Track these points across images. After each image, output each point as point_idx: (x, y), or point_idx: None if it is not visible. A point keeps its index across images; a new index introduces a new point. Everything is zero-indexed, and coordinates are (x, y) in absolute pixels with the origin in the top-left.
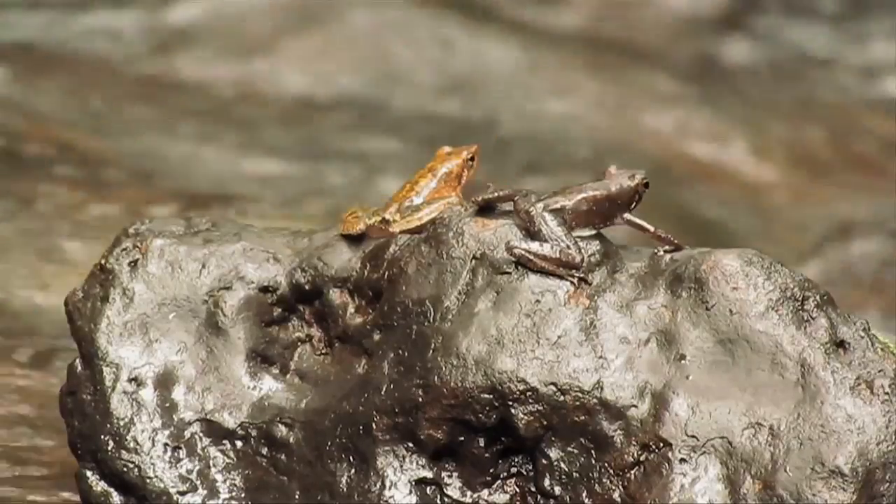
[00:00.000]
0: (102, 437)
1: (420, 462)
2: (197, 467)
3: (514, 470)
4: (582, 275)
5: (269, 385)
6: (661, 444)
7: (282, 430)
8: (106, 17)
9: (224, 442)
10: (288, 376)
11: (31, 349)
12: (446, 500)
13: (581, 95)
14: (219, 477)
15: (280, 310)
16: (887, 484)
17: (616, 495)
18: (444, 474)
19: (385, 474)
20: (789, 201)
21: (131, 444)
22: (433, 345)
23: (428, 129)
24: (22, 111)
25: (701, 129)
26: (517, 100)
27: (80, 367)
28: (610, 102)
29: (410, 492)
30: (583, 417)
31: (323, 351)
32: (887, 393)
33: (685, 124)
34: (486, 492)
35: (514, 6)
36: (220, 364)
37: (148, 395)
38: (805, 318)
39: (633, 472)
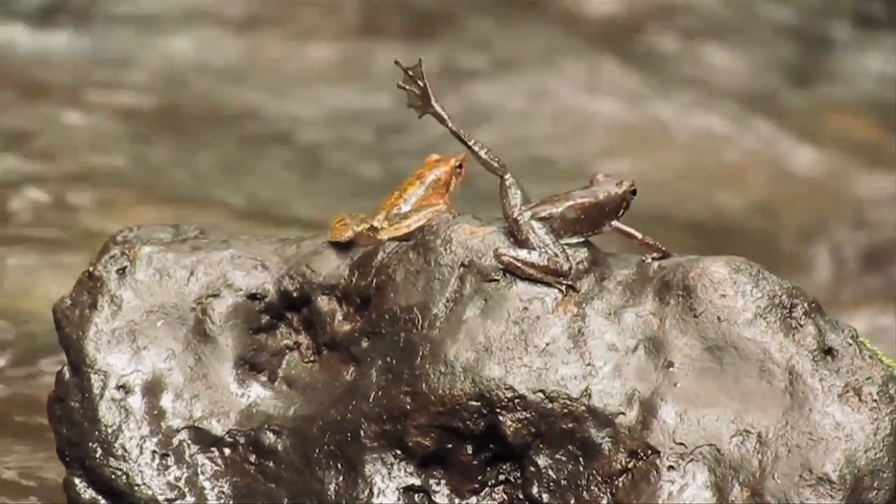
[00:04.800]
0: (90, 444)
1: (408, 469)
2: (185, 475)
3: (502, 477)
4: (570, 282)
5: (257, 392)
6: (650, 452)
7: (270, 438)
8: None
9: (212, 449)
10: (276, 383)
11: None
12: None
13: None
14: (207, 484)
15: (268, 317)
16: (875, 491)
17: (604, 502)
18: (432, 481)
19: (373, 481)
20: None
21: (119, 452)
22: (421, 352)
23: None
24: None
25: None
26: None
27: (68, 375)
28: None
29: (398, 499)
30: (571, 425)
31: (311, 358)
32: (875, 400)
33: None
34: (474, 499)
35: None
36: (208, 371)
37: (136, 402)
38: (793, 325)
39: (621, 479)
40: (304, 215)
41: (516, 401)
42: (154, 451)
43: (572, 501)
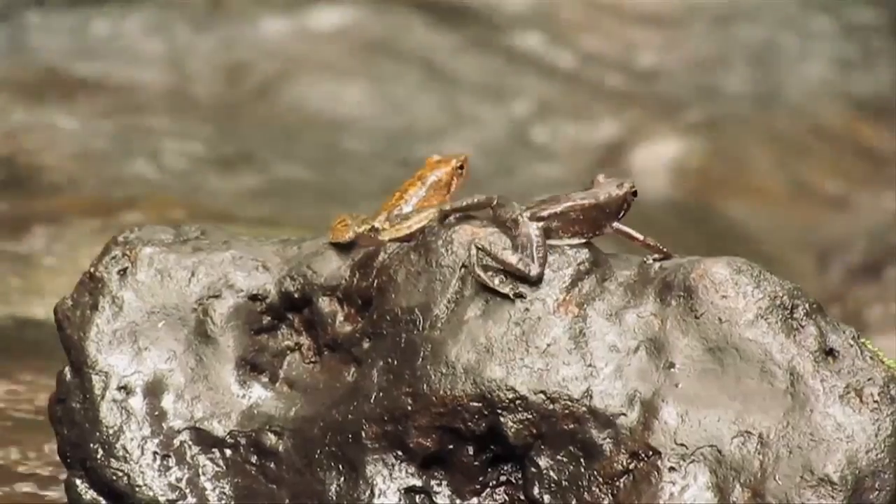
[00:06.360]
0: (92, 445)
1: (409, 470)
2: (186, 475)
3: (503, 478)
4: (520, 291)
5: (259, 393)
6: (651, 453)
7: (271, 439)
8: None
9: (213, 450)
10: (277, 384)
11: None
12: None
13: None
14: (208, 485)
15: (269, 318)
16: (876, 492)
17: (605, 503)
18: (433, 482)
19: (374, 482)
20: None
21: (120, 453)
22: (422, 353)
23: None
24: None
25: None
26: None
27: (69, 376)
28: None
29: (400, 500)
30: (572, 426)
31: (312, 359)
32: (876, 401)
33: None
34: (475, 500)
35: None
36: (209, 372)
37: (137, 403)
38: (794, 326)
39: (622, 480)
40: None
41: (517, 402)
42: (155, 452)
43: (573, 502)
